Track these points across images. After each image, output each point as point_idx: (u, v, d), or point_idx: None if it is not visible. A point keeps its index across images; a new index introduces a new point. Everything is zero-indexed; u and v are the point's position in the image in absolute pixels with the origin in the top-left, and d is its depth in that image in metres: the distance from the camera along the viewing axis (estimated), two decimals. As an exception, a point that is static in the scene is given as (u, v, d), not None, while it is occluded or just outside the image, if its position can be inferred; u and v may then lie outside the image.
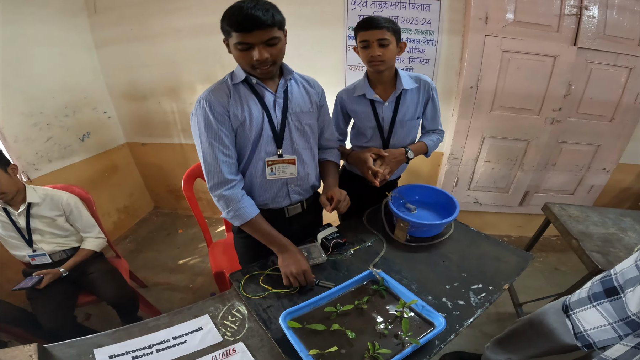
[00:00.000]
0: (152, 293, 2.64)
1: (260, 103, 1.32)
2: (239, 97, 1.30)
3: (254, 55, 1.15)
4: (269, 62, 1.19)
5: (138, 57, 3.01)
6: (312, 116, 1.45)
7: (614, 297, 1.06)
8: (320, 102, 1.52)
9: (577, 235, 1.84)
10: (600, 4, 2.25)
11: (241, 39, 1.12)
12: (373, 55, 1.49)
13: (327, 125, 1.59)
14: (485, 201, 3.05)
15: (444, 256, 1.46)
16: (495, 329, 2.24)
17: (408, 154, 1.69)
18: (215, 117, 1.25)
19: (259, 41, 1.13)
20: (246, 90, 1.32)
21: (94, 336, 1.14)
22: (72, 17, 2.83)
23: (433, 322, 1.07)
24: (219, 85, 1.32)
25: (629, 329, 1.02)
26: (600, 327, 1.10)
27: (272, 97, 1.34)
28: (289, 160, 1.40)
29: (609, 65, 2.42)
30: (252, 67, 1.20)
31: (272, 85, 1.35)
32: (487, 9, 2.30)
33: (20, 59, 2.45)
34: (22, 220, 1.88)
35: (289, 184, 1.45)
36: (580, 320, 1.18)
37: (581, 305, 1.18)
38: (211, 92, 1.28)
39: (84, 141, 3.02)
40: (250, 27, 1.09)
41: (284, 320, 1.05)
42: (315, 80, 1.53)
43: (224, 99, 1.28)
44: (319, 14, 2.55)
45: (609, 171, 2.84)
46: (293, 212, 1.53)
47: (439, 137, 1.85)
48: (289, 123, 1.38)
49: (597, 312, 1.11)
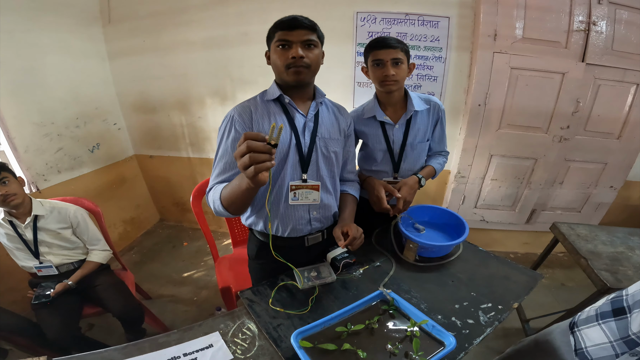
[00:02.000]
0: (156, 305, 2.64)
1: (290, 124, 1.31)
2: (267, 114, 1.29)
3: (292, 52, 1.19)
4: (305, 64, 1.21)
5: (149, 69, 3.05)
6: (339, 144, 1.44)
7: (620, 316, 1.06)
8: (349, 132, 1.51)
9: (585, 255, 1.83)
10: (608, 19, 2.27)
11: (282, 36, 1.19)
12: (387, 75, 1.49)
13: (352, 157, 1.58)
14: (492, 219, 3.04)
15: (453, 276, 1.45)
16: (502, 344, 2.22)
17: (421, 182, 1.70)
18: (230, 133, 1.26)
19: (298, 39, 1.19)
20: (277, 109, 1.32)
21: (104, 351, 1.13)
22: (87, 27, 2.88)
23: (443, 341, 1.06)
24: (247, 101, 1.33)
25: (626, 348, 1.03)
26: (601, 344, 1.10)
27: (302, 119, 1.33)
28: (313, 186, 1.37)
29: (617, 82, 2.43)
30: (287, 67, 1.21)
31: (304, 108, 1.35)
32: (495, 25, 2.32)
33: (34, 68, 2.49)
34: (28, 232, 1.89)
35: (310, 210, 1.42)
36: (584, 337, 1.17)
37: (587, 322, 1.18)
38: (237, 108, 1.30)
39: (93, 152, 3.05)
40: (293, 25, 1.18)
41: (296, 339, 1.04)
42: (345, 109, 1.53)
43: (248, 115, 1.28)
44: (328, 30, 2.53)
45: (616, 189, 2.83)
46: (313, 241, 1.49)
47: (445, 158, 1.87)
48: (317, 148, 1.36)
49: (601, 330, 1.11)
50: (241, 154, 0.89)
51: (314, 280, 1.39)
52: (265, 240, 1.45)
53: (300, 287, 1.36)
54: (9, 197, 1.75)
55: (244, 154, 0.88)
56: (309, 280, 1.38)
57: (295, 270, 1.38)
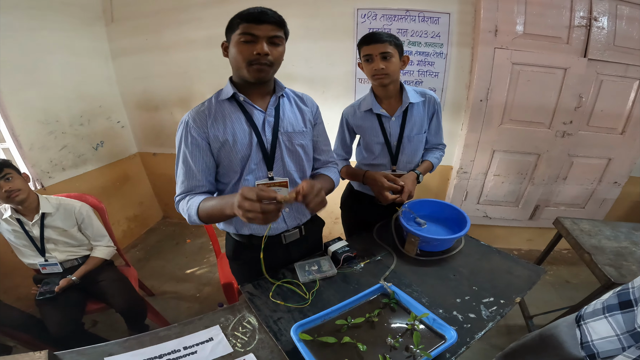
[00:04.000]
0: (159, 301, 2.65)
1: (249, 122, 1.26)
2: (221, 116, 1.24)
3: (257, 48, 1.11)
4: (268, 61, 1.14)
5: (152, 67, 3.07)
6: (305, 136, 1.38)
7: (627, 309, 1.07)
8: (315, 120, 1.44)
9: (589, 249, 1.82)
10: (610, 15, 2.26)
11: (247, 29, 1.10)
12: (376, 69, 1.51)
13: (325, 144, 1.51)
14: (494, 215, 3.03)
15: (454, 270, 1.45)
16: (505, 341, 2.21)
17: (419, 178, 1.71)
18: (188, 140, 1.23)
19: (265, 35, 1.11)
20: (232, 108, 1.26)
21: (105, 344, 1.14)
22: (90, 25, 2.90)
23: (444, 335, 1.06)
24: (201, 105, 1.27)
25: (633, 341, 1.02)
26: (607, 337, 1.10)
27: (261, 115, 1.28)
28: (281, 183, 1.33)
29: (619, 77, 2.42)
30: (249, 63, 1.14)
31: (262, 103, 1.29)
32: (496, 21, 2.31)
33: (39, 67, 2.51)
34: (35, 230, 1.91)
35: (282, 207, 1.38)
36: (590, 330, 1.18)
37: (594, 315, 1.18)
38: (192, 113, 1.25)
39: (97, 150, 3.07)
40: (261, 19, 1.09)
41: (296, 332, 1.04)
42: (309, 97, 1.46)
43: (203, 121, 1.23)
44: (329, 26, 2.58)
45: (620, 185, 2.81)
46: (290, 238, 1.45)
47: (442, 152, 1.88)
48: (280, 143, 1.31)
49: (608, 323, 1.11)
50: (252, 211, 0.96)
51: (314, 273, 1.39)
52: (240, 240, 1.44)
53: (301, 281, 1.37)
54: (12, 193, 1.76)
55: (254, 212, 0.96)
56: (309, 274, 1.39)
57: (295, 265, 1.38)
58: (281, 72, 1.25)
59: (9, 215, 1.85)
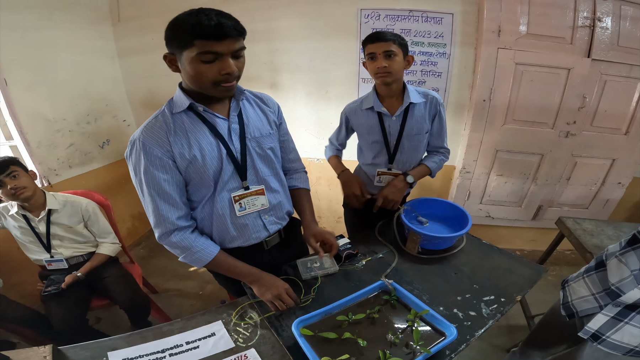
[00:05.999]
0: (162, 299, 2.68)
1: (214, 133, 1.16)
2: (182, 131, 1.13)
3: (223, 67, 1.00)
4: (236, 77, 1.06)
5: (158, 67, 3.02)
6: (272, 138, 1.32)
7: (600, 269, 1.17)
8: (279, 120, 1.39)
9: (591, 249, 1.81)
10: (614, 15, 2.25)
11: (207, 48, 0.96)
12: (379, 67, 1.52)
13: (290, 144, 1.48)
14: (497, 215, 3.02)
15: (455, 268, 1.46)
16: (506, 341, 2.21)
17: (407, 178, 1.72)
18: (152, 162, 1.10)
19: (229, 51, 0.99)
20: (192, 120, 1.14)
21: (108, 339, 1.16)
22: (97, 25, 2.92)
23: (444, 331, 1.07)
24: (154, 120, 1.13)
25: (609, 299, 1.10)
26: (585, 297, 1.20)
27: (225, 123, 1.18)
28: (257, 191, 1.28)
29: (623, 77, 2.40)
30: (215, 83, 1.03)
31: (222, 110, 1.19)
32: (499, 21, 2.31)
33: (46, 65, 2.54)
34: (42, 226, 1.93)
35: (262, 215, 1.33)
36: (571, 291, 1.27)
37: (576, 278, 1.28)
38: (145, 131, 1.11)
39: (103, 148, 3.09)
40: (223, 35, 0.95)
41: (297, 327, 1.06)
42: (268, 96, 1.38)
43: (162, 138, 1.10)
44: (333, 26, 2.59)
45: (624, 185, 2.79)
46: (272, 243, 1.42)
47: (443, 157, 1.85)
48: (250, 151, 1.23)
49: (584, 283, 1.21)
50: (277, 302, 1.19)
51: (316, 270, 1.40)
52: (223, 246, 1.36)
53: (303, 278, 1.38)
54: (18, 190, 1.79)
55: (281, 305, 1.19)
56: (311, 271, 1.40)
57: (297, 261, 1.40)
58: (284, 71, 1.24)
59: (16, 211, 1.88)
